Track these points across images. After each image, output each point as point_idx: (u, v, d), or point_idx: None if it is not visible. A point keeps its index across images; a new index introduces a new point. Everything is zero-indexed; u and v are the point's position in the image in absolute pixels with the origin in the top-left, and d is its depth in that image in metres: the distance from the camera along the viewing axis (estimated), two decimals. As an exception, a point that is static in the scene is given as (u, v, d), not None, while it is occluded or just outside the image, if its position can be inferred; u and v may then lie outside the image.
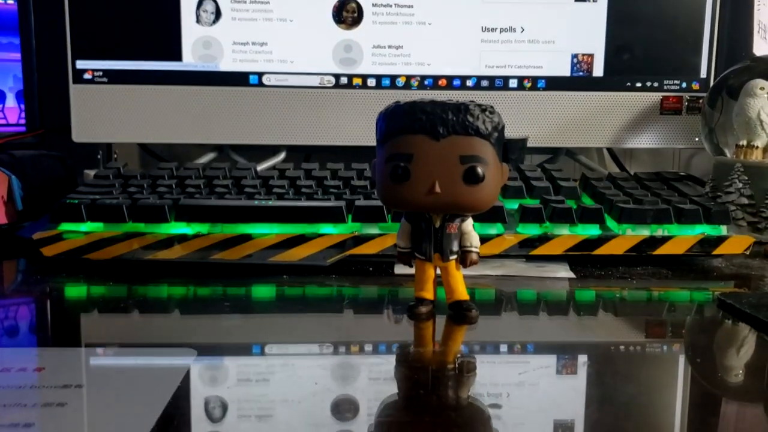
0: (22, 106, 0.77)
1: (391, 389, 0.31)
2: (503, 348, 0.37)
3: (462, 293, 0.39)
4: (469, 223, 0.39)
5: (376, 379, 0.32)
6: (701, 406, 0.31)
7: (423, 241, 0.39)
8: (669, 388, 0.33)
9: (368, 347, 0.37)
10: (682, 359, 0.37)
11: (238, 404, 0.29)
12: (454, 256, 0.39)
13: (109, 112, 0.72)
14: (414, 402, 0.29)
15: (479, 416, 0.28)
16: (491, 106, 0.36)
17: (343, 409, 0.28)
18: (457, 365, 0.34)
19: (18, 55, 0.76)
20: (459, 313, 0.40)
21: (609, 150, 0.82)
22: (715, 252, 0.52)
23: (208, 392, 0.30)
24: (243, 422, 0.27)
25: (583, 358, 0.36)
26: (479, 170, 0.36)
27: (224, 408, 0.28)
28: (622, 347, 0.37)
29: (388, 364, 0.34)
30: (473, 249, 0.39)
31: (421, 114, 0.36)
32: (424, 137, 0.36)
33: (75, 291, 0.46)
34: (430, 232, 0.38)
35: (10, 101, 0.76)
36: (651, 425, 0.28)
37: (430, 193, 0.36)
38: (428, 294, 0.40)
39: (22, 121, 0.77)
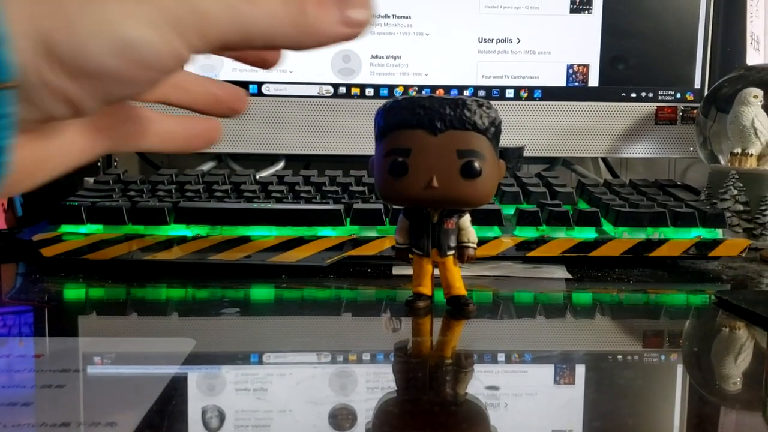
0: None
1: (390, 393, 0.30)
2: (500, 355, 0.37)
3: (460, 288, 0.40)
4: (466, 219, 0.39)
5: (374, 387, 0.32)
6: (699, 411, 0.31)
7: (421, 236, 0.39)
8: (667, 387, 0.33)
9: (367, 350, 0.37)
10: (679, 357, 0.37)
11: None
12: (452, 252, 0.39)
13: (109, 121, 0.72)
14: (412, 397, 0.29)
15: (477, 412, 0.28)
16: (488, 102, 0.37)
17: (341, 416, 0.28)
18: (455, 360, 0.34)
19: None
20: (457, 308, 0.40)
21: (604, 160, 0.83)
22: (711, 254, 0.52)
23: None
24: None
25: (580, 359, 0.36)
26: (476, 165, 0.36)
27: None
28: (619, 348, 0.38)
29: (387, 368, 0.34)
30: (471, 245, 0.39)
31: (419, 109, 0.36)
32: (422, 132, 0.36)
33: (73, 289, 0.46)
34: (428, 227, 0.39)
35: None
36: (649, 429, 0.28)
37: (428, 187, 0.36)
38: (426, 289, 0.40)
39: None
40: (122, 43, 0.21)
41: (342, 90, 0.74)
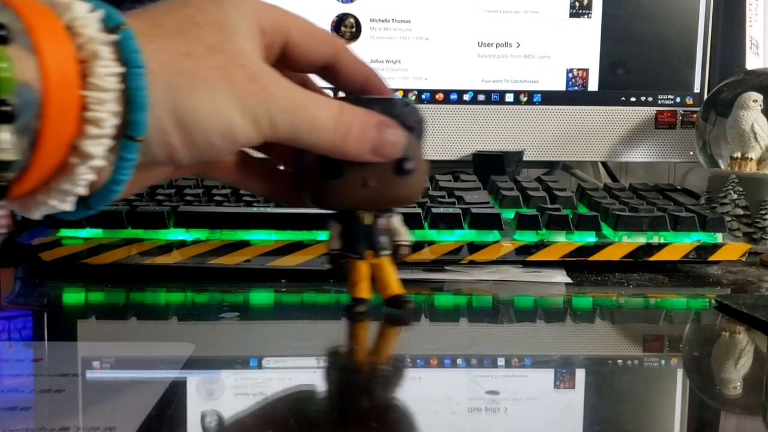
0: None
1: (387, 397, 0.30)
2: (500, 359, 0.37)
3: (398, 287, 0.40)
4: (396, 218, 0.40)
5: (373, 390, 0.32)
6: (700, 416, 0.31)
7: (356, 239, 0.39)
8: (667, 392, 0.33)
9: (366, 354, 0.37)
10: (679, 361, 0.37)
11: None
12: (387, 252, 0.39)
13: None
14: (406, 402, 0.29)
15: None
16: (413, 102, 0.38)
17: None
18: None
19: None
20: (397, 306, 0.40)
21: (604, 164, 0.83)
22: (711, 258, 0.52)
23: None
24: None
25: (580, 364, 0.36)
26: (409, 162, 0.36)
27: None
28: (619, 352, 0.38)
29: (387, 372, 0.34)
30: (405, 242, 0.40)
31: None
32: None
33: (72, 294, 0.46)
34: (362, 229, 0.38)
35: None
36: None
37: (363, 187, 0.36)
38: (365, 293, 0.40)
39: None
40: (227, 128, 0.29)
41: (342, 94, 0.73)
